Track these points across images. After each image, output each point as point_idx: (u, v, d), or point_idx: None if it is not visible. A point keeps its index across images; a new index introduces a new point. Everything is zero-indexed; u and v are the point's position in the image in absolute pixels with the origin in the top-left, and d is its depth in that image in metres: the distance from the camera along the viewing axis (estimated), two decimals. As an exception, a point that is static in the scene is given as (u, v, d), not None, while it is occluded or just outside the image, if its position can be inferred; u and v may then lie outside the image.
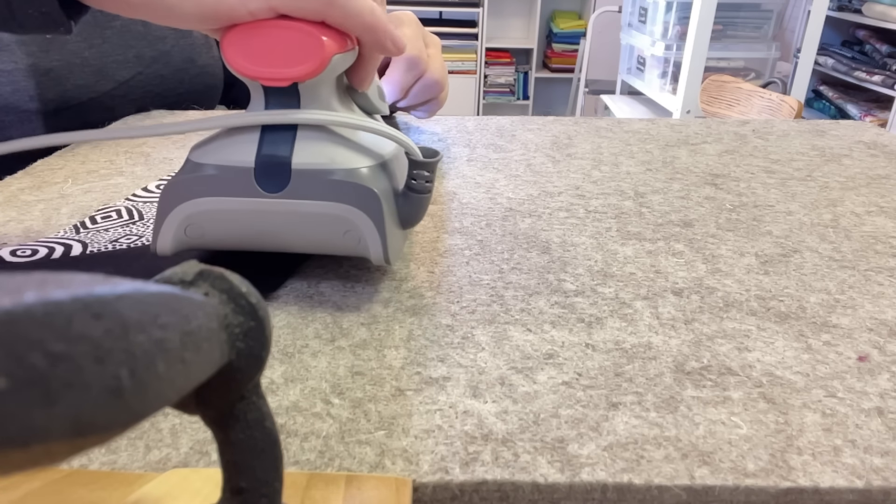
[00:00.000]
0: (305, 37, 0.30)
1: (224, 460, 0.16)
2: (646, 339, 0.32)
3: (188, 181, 0.33)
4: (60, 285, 0.10)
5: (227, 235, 0.34)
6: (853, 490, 0.23)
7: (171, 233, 0.33)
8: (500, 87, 3.54)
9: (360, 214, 0.32)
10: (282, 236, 0.34)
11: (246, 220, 0.33)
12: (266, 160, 0.32)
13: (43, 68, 0.62)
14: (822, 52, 2.72)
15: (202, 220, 0.33)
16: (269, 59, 0.31)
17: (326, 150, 0.33)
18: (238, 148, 0.33)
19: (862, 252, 0.42)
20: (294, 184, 0.32)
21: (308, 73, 0.31)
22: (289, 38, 0.30)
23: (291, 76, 0.31)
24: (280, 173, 0.32)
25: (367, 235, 0.33)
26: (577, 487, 0.23)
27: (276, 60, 0.31)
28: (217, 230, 0.34)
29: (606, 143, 0.64)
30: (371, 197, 0.32)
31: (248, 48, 0.31)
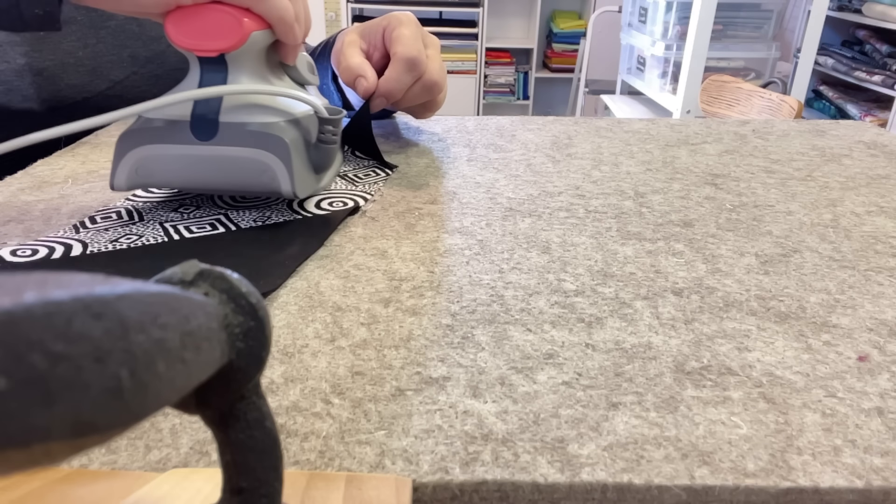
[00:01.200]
0: (229, 17, 0.38)
1: (224, 460, 0.16)
2: (646, 339, 0.32)
3: (139, 131, 0.41)
4: (60, 285, 0.10)
5: (169, 176, 0.42)
6: (853, 490, 0.23)
7: (125, 173, 0.42)
8: (500, 87, 3.54)
9: (272, 157, 0.41)
10: (213, 177, 0.42)
11: (184, 163, 0.41)
12: (199, 115, 0.41)
13: (37, 68, 0.62)
14: (822, 52, 2.72)
15: (149, 162, 0.42)
16: (201, 35, 0.39)
17: (248, 108, 0.41)
18: (178, 106, 0.41)
19: (862, 252, 0.42)
20: (221, 134, 0.41)
21: (231, 46, 0.39)
22: (217, 18, 0.39)
23: (218, 48, 0.39)
24: (210, 125, 0.41)
25: (278, 174, 0.41)
26: (577, 487, 0.23)
27: (207, 36, 0.39)
28: (161, 171, 0.42)
29: (606, 143, 0.64)
30: (280, 143, 0.41)
31: (185, 26, 0.39)
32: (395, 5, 3.16)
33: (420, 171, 0.55)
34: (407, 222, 0.45)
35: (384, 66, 0.56)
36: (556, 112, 3.72)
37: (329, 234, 0.42)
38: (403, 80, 0.54)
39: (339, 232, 0.43)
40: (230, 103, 0.41)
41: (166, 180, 0.42)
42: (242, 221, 0.43)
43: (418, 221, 0.45)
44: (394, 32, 0.55)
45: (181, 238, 0.41)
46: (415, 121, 0.70)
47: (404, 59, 0.53)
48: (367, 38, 0.58)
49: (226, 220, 0.43)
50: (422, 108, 0.60)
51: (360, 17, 3.26)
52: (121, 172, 0.42)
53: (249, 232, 0.42)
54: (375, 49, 0.58)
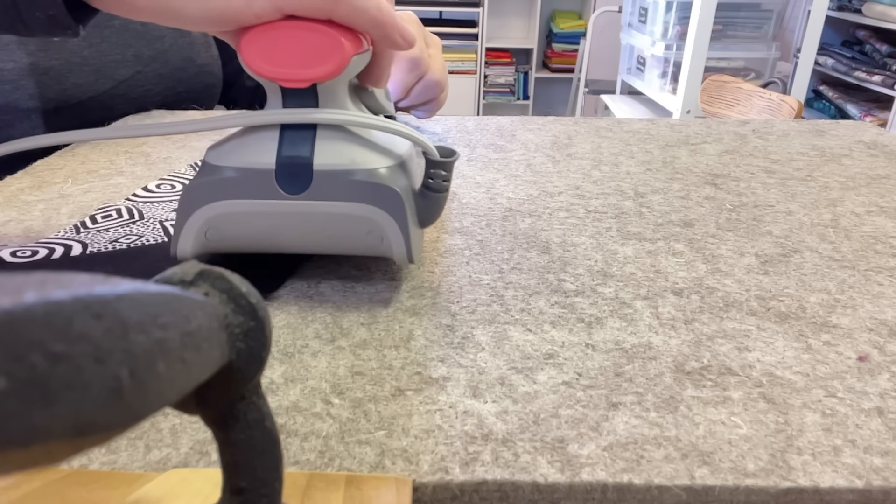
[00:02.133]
0: (325, 38, 0.30)
1: (224, 460, 0.16)
2: (646, 339, 0.32)
3: (208, 183, 0.33)
4: (60, 285, 0.10)
5: (247, 238, 0.34)
6: (853, 490, 0.23)
7: (192, 236, 0.33)
8: (500, 87, 3.54)
9: (383, 214, 0.33)
10: (303, 238, 0.34)
11: (267, 222, 0.33)
12: (287, 161, 0.32)
13: (42, 67, 0.62)
14: (822, 52, 2.72)
15: (223, 223, 0.33)
16: (288, 61, 0.30)
17: (346, 151, 0.32)
18: (257, 149, 0.32)
19: (862, 252, 0.42)
20: (316, 185, 0.32)
21: (328, 74, 0.31)
22: (309, 40, 0.30)
23: (312, 77, 0.31)
24: (301, 174, 0.32)
25: (390, 235, 0.33)
26: (577, 487, 0.23)
27: (296, 62, 0.30)
28: (238, 233, 0.34)
29: (606, 143, 0.64)
30: (393, 196, 0.32)
31: (267, 50, 0.30)
32: (396, 5, 3.16)
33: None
34: (407, 222, 0.45)
35: None
36: (556, 112, 3.72)
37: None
38: (406, 79, 0.54)
39: (339, 232, 0.43)
40: (323, 146, 0.32)
41: (246, 243, 0.34)
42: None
43: (418, 221, 0.45)
44: None
45: (181, 238, 0.41)
46: (415, 120, 0.70)
47: (406, 58, 0.54)
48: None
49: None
50: (423, 108, 0.60)
51: (360, 17, 3.26)
52: (186, 236, 0.33)
53: (249, 232, 0.42)
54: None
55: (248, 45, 0.30)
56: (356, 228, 0.33)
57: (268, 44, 0.30)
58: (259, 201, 0.32)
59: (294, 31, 0.30)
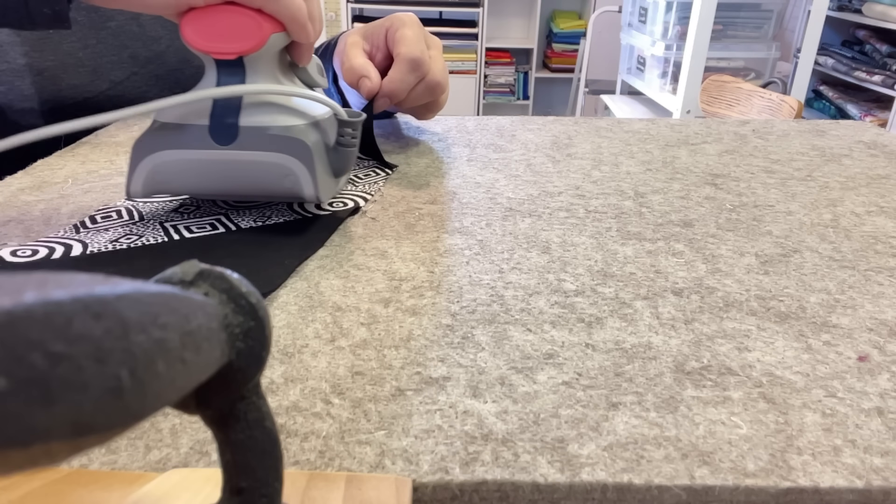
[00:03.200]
0: (248, 19, 0.38)
1: (224, 460, 0.16)
2: (646, 339, 0.32)
3: (156, 135, 0.40)
4: (60, 285, 0.10)
5: (187, 182, 0.41)
6: (853, 490, 0.23)
7: (142, 179, 0.40)
8: (500, 87, 3.54)
9: (294, 161, 0.40)
10: (232, 183, 0.41)
11: (203, 168, 0.40)
12: (218, 119, 0.40)
13: (38, 68, 0.62)
14: (822, 52, 2.72)
15: (167, 168, 0.40)
16: (219, 37, 0.38)
17: (268, 112, 0.40)
18: (196, 111, 0.40)
19: (862, 252, 0.42)
20: (241, 138, 0.40)
21: (250, 48, 0.38)
22: (235, 20, 0.38)
23: (237, 50, 0.38)
24: (230, 129, 0.40)
25: (301, 179, 0.40)
26: (577, 487, 0.23)
27: (225, 38, 0.38)
28: (179, 177, 0.41)
29: (606, 143, 0.64)
30: (303, 147, 0.40)
31: (203, 28, 0.38)
32: (396, 5, 3.16)
33: (420, 171, 0.55)
34: (407, 222, 0.45)
35: (387, 67, 0.56)
36: (556, 112, 3.72)
37: (329, 235, 0.42)
38: (407, 80, 0.54)
39: (339, 232, 0.43)
40: (249, 107, 0.40)
41: (185, 186, 0.41)
42: (242, 221, 0.43)
43: (418, 221, 0.45)
44: (397, 33, 0.55)
45: (181, 238, 0.41)
46: (415, 121, 0.70)
47: (407, 59, 0.53)
48: (370, 39, 0.58)
49: (226, 221, 0.43)
50: (424, 109, 0.60)
51: (360, 17, 3.26)
52: (137, 178, 0.40)
53: (249, 232, 0.42)
54: (378, 50, 0.58)
55: (187, 24, 0.38)
56: (274, 174, 0.40)
57: (201, 22, 0.38)
58: (196, 150, 0.40)
59: (223, 13, 0.38)
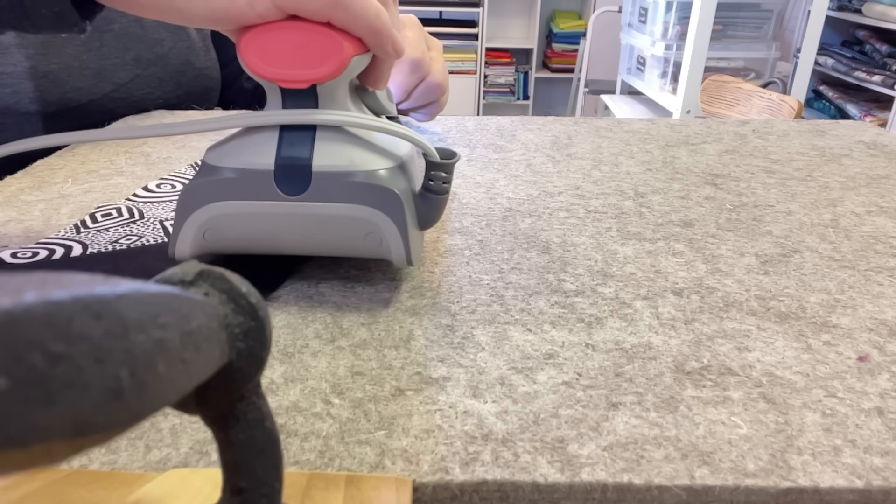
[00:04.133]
0: (325, 38, 0.30)
1: (224, 460, 0.16)
2: (646, 339, 0.32)
3: (207, 184, 0.32)
4: (60, 285, 0.10)
5: (246, 239, 0.34)
6: (853, 490, 0.23)
7: (190, 237, 0.33)
8: (500, 87, 3.54)
9: (381, 216, 0.32)
10: (302, 239, 0.34)
11: (265, 223, 0.33)
12: (286, 162, 0.32)
13: (42, 71, 0.62)
14: (822, 52, 2.72)
15: (221, 224, 0.33)
16: (288, 61, 0.30)
17: (346, 152, 0.32)
18: (256, 150, 0.32)
19: (862, 252, 0.42)
20: (315, 186, 0.32)
21: (328, 75, 0.31)
22: (308, 40, 0.30)
23: (311, 78, 0.31)
24: (300, 175, 0.32)
25: (389, 237, 0.33)
26: (577, 487, 0.23)
27: (296, 62, 0.30)
28: (236, 234, 0.33)
29: (606, 143, 0.64)
30: (392, 198, 0.32)
31: (267, 50, 0.30)
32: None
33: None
34: (407, 222, 0.45)
35: None
36: (556, 112, 3.72)
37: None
38: (408, 81, 0.54)
39: (339, 232, 0.43)
40: (320, 146, 0.32)
41: (244, 244, 0.34)
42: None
43: (418, 221, 0.45)
44: None
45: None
46: (416, 122, 0.70)
47: (408, 61, 0.54)
48: None
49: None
50: (425, 110, 0.60)
51: (360, 17, 3.26)
52: (185, 236, 0.33)
53: (249, 232, 0.42)
54: None
55: (248, 46, 0.30)
56: (355, 230, 0.33)
57: (267, 44, 0.30)
58: (258, 202, 0.32)
59: (293, 32, 0.30)
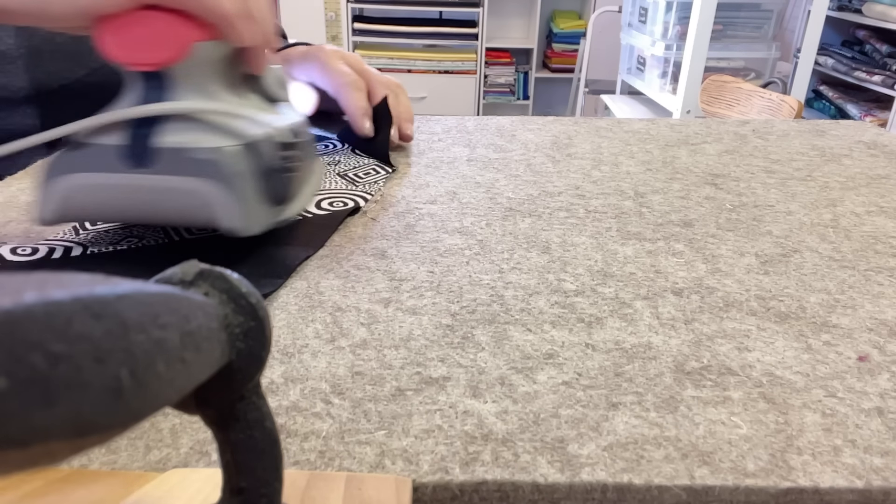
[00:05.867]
0: (166, 25, 0.33)
1: (224, 460, 0.16)
2: (646, 339, 0.32)
3: (66, 156, 0.36)
4: (60, 285, 0.10)
5: (101, 208, 0.36)
6: (853, 490, 0.23)
7: (52, 206, 0.36)
8: (500, 87, 3.53)
9: (213, 187, 0.35)
10: (147, 209, 0.36)
11: (116, 194, 0.36)
12: (133, 139, 0.35)
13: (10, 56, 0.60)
14: (822, 52, 2.72)
15: (77, 193, 0.36)
16: (138, 46, 0.33)
17: (192, 131, 0.35)
18: (112, 128, 0.35)
19: (862, 252, 0.42)
20: (160, 161, 0.35)
21: (170, 59, 0.34)
22: (154, 27, 0.33)
23: (156, 61, 0.34)
24: (146, 151, 0.35)
25: (217, 207, 0.35)
26: (577, 487, 0.23)
27: (144, 47, 0.33)
28: (91, 203, 0.36)
29: (606, 143, 0.64)
30: (226, 171, 0.35)
31: (118, 36, 0.33)
32: (395, 5, 3.16)
33: (420, 171, 0.55)
34: (407, 222, 0.45)
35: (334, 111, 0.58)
36: (556, 112, 3.72)
37: (329, 234, 0.42)
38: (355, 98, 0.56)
39: (339, 232, 0.43)
40: (173, 126, 0.35)
41: (99, 213, 0.37)
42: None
43: (418, 221, 0.45)
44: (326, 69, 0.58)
45: (181, 239, 0.41)
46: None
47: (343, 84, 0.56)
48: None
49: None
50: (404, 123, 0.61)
51: (361, 16, 3.26)
52: (46, 205, 0.36)
53: (249, 232, 0.42)
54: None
55: (102, 32, 0.33)
56: (191, 201, 0.35)
57: (116, 31, 0.33)
58: (108, 174, 0.35)
59: (141, 20, 0.33)
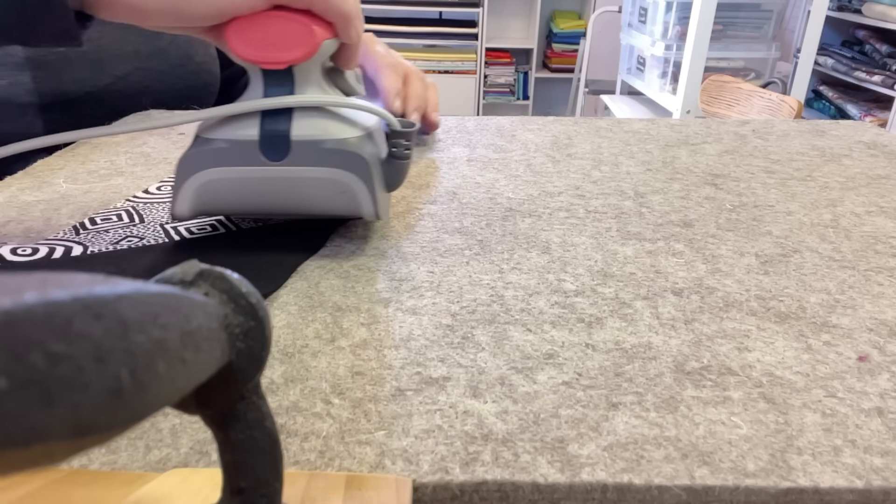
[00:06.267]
0: (299, 26, 0.35)
1: (224, 460, 0.16)
2: (646, 339, 0.32)
3: (201, 153, 0.38)
4: (61, 285, 0.10)
5: (236, 201, 0.39)
6: (853, 490, 0.23)
7: (188, 200, 0.38)
8: (500, 87, 3.53)
9: (352, 177, 0.38)
10: (285, 200, 0.39)
11: (252, 186, 0.38)
12: (268, 133, 0.37)
13: (39, 62, 0.62)
14: (822, 52, 2.72)
15: (214, 187, 0.38)
16: (268, 46, 0.35)
17: (320, 124, 0.38)
18: (242, 124, 0.37)
19: (862, 252, 0.42)
20: (294, 153, 0.37)
21: (301, 57, 0.36)
22: (285, 27, 0.35)
23: (288, 59, 0.36)
24: (281, 144, 0.37)
25: (359, 194, 0.38)
26: (577, 487, 0.23)
27: (275, 47, 0.35)
28: (227, 196, 0.38)
29: (606, 143, 0.64)
30: (360, 161, 0.38)
31: (250, 36, 0.35)
32: (396, 5, 3.16)
33: (420, 171, 0.55)
34: (407, 222, 0.45)
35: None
36: (556, 112, 3.72)
37: (329, 235, 0.42)
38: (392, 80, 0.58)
39: (339, 232, 0.43)
40: (299, 119, 0.37)
41: (234, 205, 0.39)
42: (243, 222, 0.43)
43: (418, 221, 0.45)
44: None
45: (181, 239, 0.41)
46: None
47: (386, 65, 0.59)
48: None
49: (226, 221, 0.43)
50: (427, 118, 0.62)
51: (360, 17, 3.25)
52: (183, 199, 0.38)
53: (249, 232, 0.42)
54: None
55: (234, 34, 0.35)
56: (330, 190, 0.38)
57: (248, 31, 0.35)
58: (245, 168, 0.37)
59: (272, 21, 0.35)
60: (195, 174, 0.38)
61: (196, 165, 0.38)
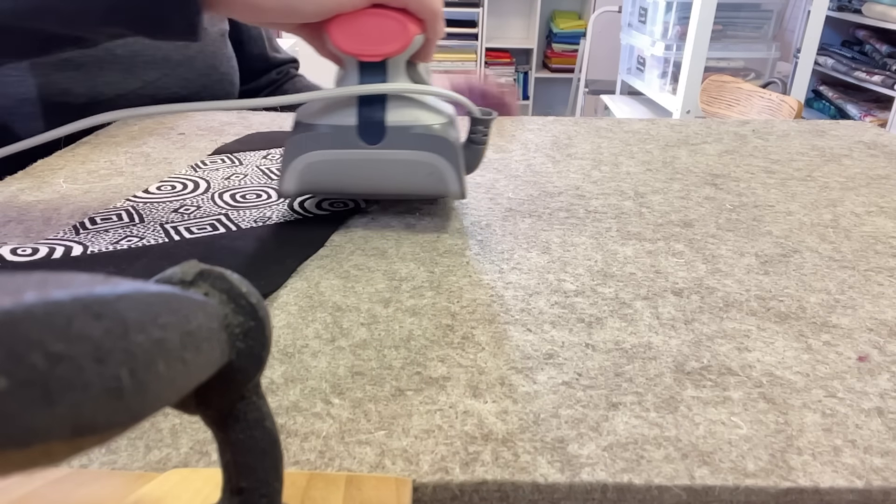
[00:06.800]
0: (395, 23, 0.39)
1: (224, 460, 0.16)
2: (646, 339, 0.32)
3: (307, 137, 0.42)
4: (61, 285, 0.10)
5: (335, 181, 0.43)
6: (853, 490, 0.23)
7: (294, 178, 0.42)
8: (500, 88, 3.53)
9: (440, 159, 0.42)
10: (379, 181, 0.43)
11: (351, 168, 0.42)
12: (366, 120, 0.41)
13: (75, 62, 0.63)
14: (822, 52, 2.72)
15: (317, 168, 0.42)
16: (366, 40, 0.39)
17: (410, 111, 0.42)
18: (342, 112, 0.42)
19: (862, 252, 0.42)
20: (388, 137, 0.41)
21: (396, 51, 0.39)
22: (383, 24, 0.39)
23: (384, 53, 0.40)
24: (377, 129, 0.41)
25: (446, 175, 0.42)
26: (577, 487, 0.23)
27: (373, 41, 0.39)
28: (328, 177, 0.43)
29: (606, 143, 0.64)
30: (448, 145, 0.42)
31: (351, 32, 0.39)
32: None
33: (420, 172, 0.55)
34: (407, 222, 0.45)
35: None
36: (556, 112, 3.72)
37: (329, 234, 0.42)
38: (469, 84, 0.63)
39: (339, 232, 0.43)
40: (391, 107, 0.41)
41: (334, 186, 0.43)
42: (242, 222, 0.43)
43: (418, 221, 0.45)
44: None
45: (181, 239, 0.41)
46: None
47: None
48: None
49: (226, 221, 0.43)
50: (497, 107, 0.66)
51: (360, 17, 3.26)
52: (290, 177, 0.42)
53: (249, 232, 0.42)
54: None
55: (337, 29, 0.39)
56: (421, 172, 0.42)
57: (349, 26, 0.39)
58: (345, 150, 0.42)
59: (372, 18, 0.39)
60: (301, 155, 0.42)
61: (302, 148, 0.42)
